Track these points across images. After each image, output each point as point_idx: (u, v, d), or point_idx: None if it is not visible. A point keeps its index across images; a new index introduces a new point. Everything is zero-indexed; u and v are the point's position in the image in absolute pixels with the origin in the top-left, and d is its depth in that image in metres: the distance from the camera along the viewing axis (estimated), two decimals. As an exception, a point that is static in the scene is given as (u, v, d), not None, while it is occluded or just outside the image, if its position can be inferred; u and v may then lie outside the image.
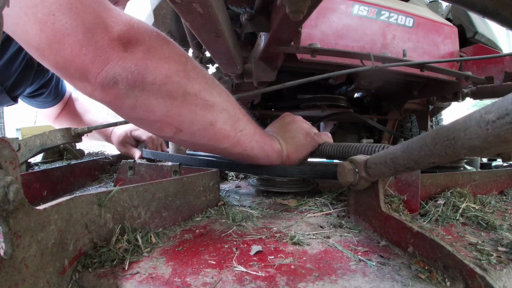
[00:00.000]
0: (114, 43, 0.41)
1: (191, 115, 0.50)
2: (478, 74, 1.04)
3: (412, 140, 0.34)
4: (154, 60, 0.45)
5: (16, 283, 0.24)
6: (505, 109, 0.23)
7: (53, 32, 0.39)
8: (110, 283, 0.32)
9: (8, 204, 0.23)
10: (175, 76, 0.47)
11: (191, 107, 0.49)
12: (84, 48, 0.40)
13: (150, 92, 0.45)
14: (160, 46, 0.46)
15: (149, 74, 0.44)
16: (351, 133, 1.61)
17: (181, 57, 0.49)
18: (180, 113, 0.49)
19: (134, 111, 0.47)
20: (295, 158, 0.70)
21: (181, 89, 0.48)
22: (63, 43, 0.39)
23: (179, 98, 0.48)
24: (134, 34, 0.43)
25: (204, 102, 0.50)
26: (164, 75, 0.45)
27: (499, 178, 0.70)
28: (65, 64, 0.41)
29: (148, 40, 0.45)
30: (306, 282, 0.32)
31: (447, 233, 0.47)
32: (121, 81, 0.42)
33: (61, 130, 0.78)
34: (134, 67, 0.43)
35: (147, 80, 0.44)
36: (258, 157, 0.63)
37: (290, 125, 0.73)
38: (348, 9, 0.89)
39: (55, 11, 0.38)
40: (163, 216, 0.47)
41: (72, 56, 0.40)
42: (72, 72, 0.42)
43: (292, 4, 0.47)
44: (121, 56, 0.42)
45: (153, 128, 0.51)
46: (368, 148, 0.58)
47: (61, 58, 0.40)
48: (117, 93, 0.44)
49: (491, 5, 0.47)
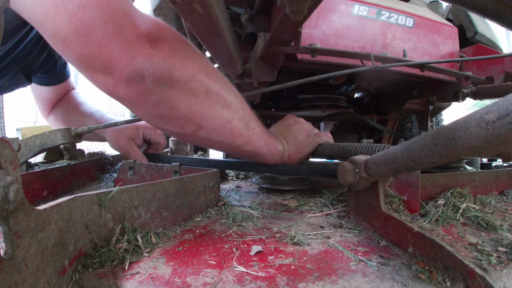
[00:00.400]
0: (142, 39, 0.43)
1: (212, 112, 0.51)
2: (478, 74, 1.04)
3: (412, 140, 0.34)
4: (179, 59, 0.46)
5: (16, 283, 0.24)
6: (505, 110, 0.23)
7: (83, 24, 0.40)
8: (110, 283, 0.32)
9: (8, 204, 0.23)
10: (199, 75, 0.49)
11: (212, 105, 0.51)
12: (113, 42, 0.41)
13: (176, 89, 0.47)
14: (183, 47, 0.48)
15: (176, 71, 0.46)
16: (351, 133, 1.61)
17: (202, 58, 0.51)
18: (202, 110, 0.50)
19: (157, 107, 0.48)
20: (296, 158, 0.72)
21: (204, 87, 0.49)
22: (91, 35, 0.40)
23: (202, 96, 0.49)
24: (160, 33, 0.45)
25: (223, 101, 0.53)
26: (190, 73, 0.47)
27: (499, 178, 0.70)
28: (90, 56, 0.42)
29: (173, 41, 0.46)
30: (306, 282, 0.32)
31: (447, 233, 0.47)
32: (148, 76, 0.44)
33: (61, 130, 0.78)
34: (162, 63, 0.44)
35: (174, 76, 0.46)
36: (265, 155, 0.65)
37: (292, 126, 0.75)
38: (348, 9, 0.89)
39: (86, 4, 0.39)
40: (163, 216, 0.47)
41: (100, 49, 0.41)
42: (96, 65, 0.43)
43: (292, 4, 0.47)
44: (149, 52, 0.43)
45: (174, 125, 0.53)
46: (368, 148, 0.58)
47: (87, 50, 0.41)
48: (142, 89, 0.45)
49: (491, 5, 0.47)
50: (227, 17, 0.64)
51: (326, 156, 0.73)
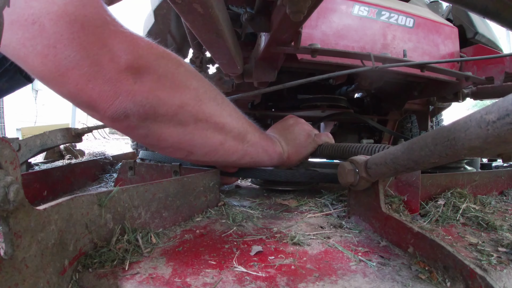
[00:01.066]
0: (122, 75, 0.39)
1: (202, 139, 0.50)
2: (478, 75, 1.04)
3: (413, 141, 0.34)
4: (165, 90, 0.43)
5: (16, 283, 0.23)
6: (505, 110, 0.23)
7: (56, 66, 0.35)
8: (110, 283, 0.32)
9: (8, 204, 0.23)
10: (187, 105, 0.46)
11: (203, 132, 0.49)
12: (91, 83, 0.37)
13: (162, 123, 0.45)
14: (171, 72, 0.44)
15: (161, 106, 0.43)
16: (351, 133, 1.61)
17: (192, 80, 0.47)
18: (191, 139, 0.49)
19: (146, 139, 0.47)
20: (295, 159, 0.72)
21: (193, 117, 0.47)
22: (67, 76, 0.36)
23: (191, 125, 0.47)
24: (143, 63, 0.40)
25: (215, 125, 0.51)
26: (176, 106, 0.44)
27: (499, 179, 0.70)
28: (70, 96, 0.39)
29: (158, 67, 0.42)
30: (306, 283, 0.32)
31: (448, 234, 0.47)
32: (132, 114, 0.41)
33: (61, 130, 0.78)
34: (145, 101, 0.41)
35: (159, 112, 0.43)
36: (262, 160, 0.64)
37: (292, 127, 0.74)
38: (349, 10, 0.89)
39: (56, 43, 0.34)
40: (163, 216, 0.47)
41: (78, 90, 0.38)
42: (79, 102, 0.40)
43: (292, 5, 0.47)
44: (130, 89, 0.39)
45: (165, 153, 0.54)
46: (368, 148, 0.58)
47: (66, 91, 0.38)
48: (128, 125, 0.43)
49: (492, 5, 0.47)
50: (227, 17, 0.64)
51: (326, 156, 0.73)
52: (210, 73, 1.19)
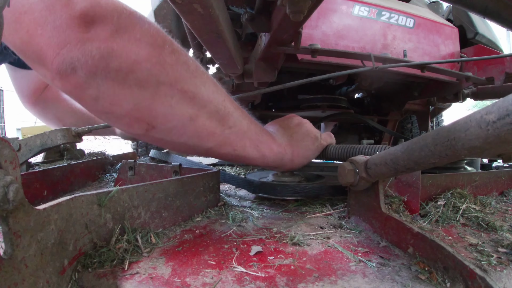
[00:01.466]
0: (74, 21, 0.35)
1: (165, 109, 0.42)
2: (478, 75, 1.04)
3: (413, 141, 0.34)
4: (121, 42, 0.37)
5: (16, 283, 0.23)
6: (505, 110, 0.23)
7: (10, 10, 0.34)
8: (109, 283, 0.32)
9: (8, 204, 0.23)
10: (145, 62, 0.39)
11: (166, 100, 0.42)
12: (40, 28, 0.34)
13: (115, 81, 0.38)
14: (131, 26, 0.38)
15: (114, 59, 0.37)
16: (351, 133, 1.61)
17: (156, 39, 0.41)
18: (151, 107, 0.41)
19: (97, 103, 0.40)
20: (299, 163, 0.65)
21: (153, 78, 0.40)
22: (19, 22, 0.34)
23: (150, 89, 0.40)
24: (100, 10, 0.36)
25: (182, 94, 0.43)
26: (132, 60, 0.38)
27: (499, 179, 0.70)
28: (22, 45, 0.36)
29: (117, 19, 0.37)
30: (306, 283, 0.32)
31: (447, 234, 0.47)
32: (80, 67, 0.36)
33: (61, 130, 0.78)
34: (95, 51, 0.36)
35: (110, 66, 0.37)
36: (251, 157, 0.56)
37: (297, 127, 0.67)
38: (349, 10, 0.89)
39: None
40: (163, 216, 0.47)
41: (28, 37, 0.35)
42: (29, 54, 0.37)
43: (292, 5, 0.47)
44: (81, 37, 0.35)
45: (121, 124, 0.44)
46: (371, 149, 0.58)
47: (18, 39, 0.36)
48: (77, 82, 0.37)
49: (492, 5, 0.47)
50: (228, 17, 0.64)
51: (330, 158, 0.72)
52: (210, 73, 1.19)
